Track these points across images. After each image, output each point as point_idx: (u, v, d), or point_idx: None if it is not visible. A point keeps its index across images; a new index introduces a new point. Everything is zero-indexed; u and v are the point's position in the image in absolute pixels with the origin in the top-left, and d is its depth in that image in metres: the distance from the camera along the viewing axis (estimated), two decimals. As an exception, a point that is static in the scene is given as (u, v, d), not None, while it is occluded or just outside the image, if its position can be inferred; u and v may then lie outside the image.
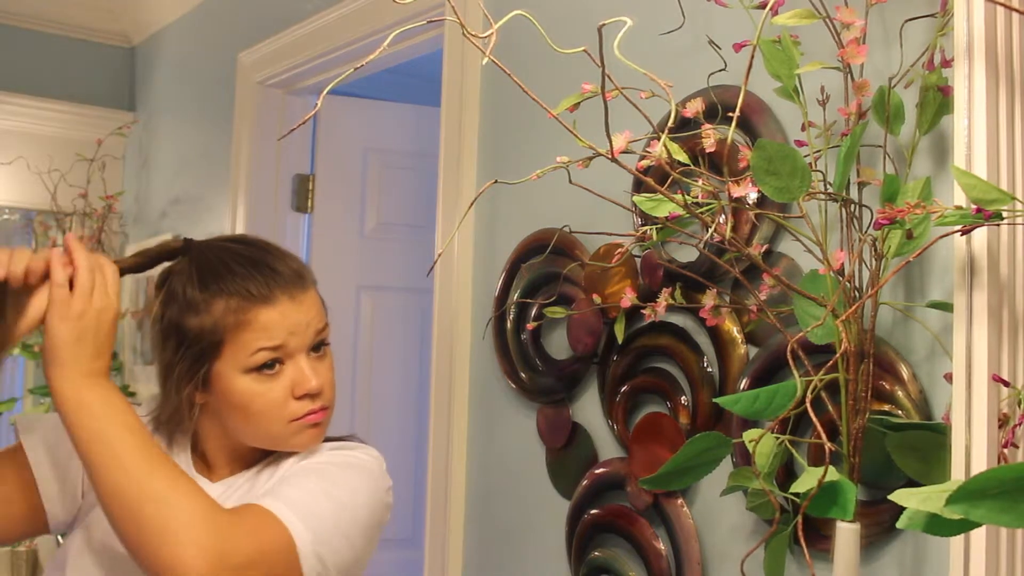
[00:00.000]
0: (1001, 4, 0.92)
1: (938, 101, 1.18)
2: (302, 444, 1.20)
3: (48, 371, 1.05)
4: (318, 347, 1.21)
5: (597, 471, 1.71)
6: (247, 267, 1.17)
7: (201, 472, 1.24)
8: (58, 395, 1.04)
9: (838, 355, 1.05)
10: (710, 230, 1.19)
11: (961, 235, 0.92)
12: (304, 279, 1.20)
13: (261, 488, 1.19)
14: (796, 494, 1.10)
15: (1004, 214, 0.87)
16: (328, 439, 1.29)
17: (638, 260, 1.63)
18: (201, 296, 1.16)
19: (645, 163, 1.21)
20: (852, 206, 1.22)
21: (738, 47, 1.21)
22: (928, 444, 1.13)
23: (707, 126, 1.23)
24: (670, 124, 1.10)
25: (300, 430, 1.19)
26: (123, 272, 1.16)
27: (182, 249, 1.21)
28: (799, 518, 1.02)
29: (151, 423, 1.24)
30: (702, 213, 1.20)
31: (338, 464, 1.19)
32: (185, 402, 1.18)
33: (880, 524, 1.26)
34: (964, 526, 0.79)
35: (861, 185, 1.24)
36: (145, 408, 1.26)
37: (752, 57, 1.13)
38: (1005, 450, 0.93)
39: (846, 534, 1.10)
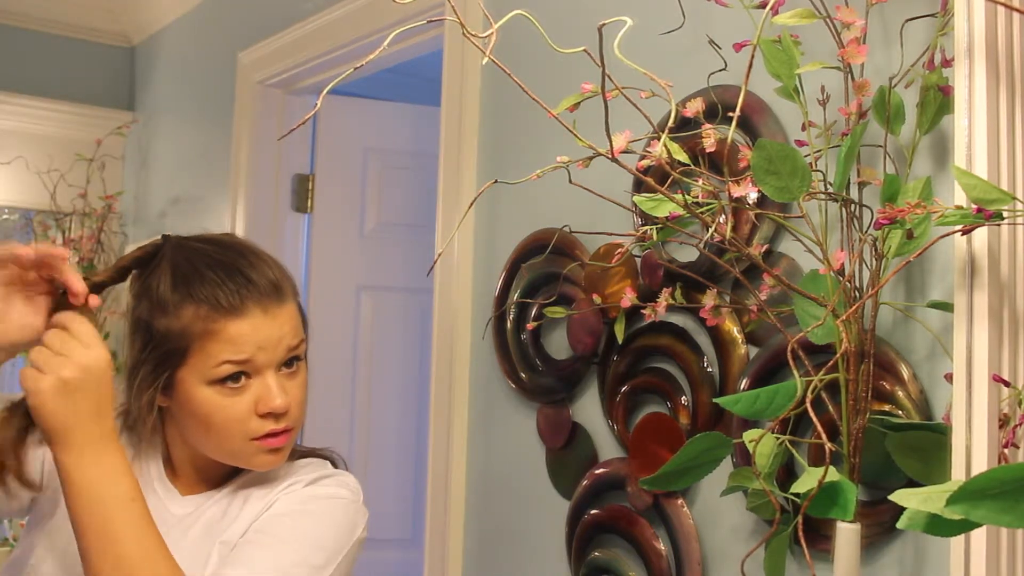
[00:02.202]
0: (1001, 4, 0.92)
1: (938, 101, 1.18)
2: (260, 466, 1.16)
3: (52, 449, 1.02)
4: (291, 363, 1.16)
5: (597, 471, 1.70)
6: (220, 273, 1.12)
7: (172, 482, 1.21)
8: (63, 472, 1.01)
9: (838, 355, 1.05)
10: (710, 230, 1.19)
11: (962, 235, 0.92)
12: (282, 291, 1.15)
13: (233, 522, 1.15)
14: (796, 494, 1.10)
15: (1005, 214, 0.87)
16: (305, 454, 1.26)
17: (638, 260, 1.63)
18: (171, 298, 1.12)
19: (645, 163, 1.21)
20: (852, 206, 1.22)
21: (738, 47, 1.21)
22: (928, 444, 1.13)
23: (707, 126, 1.23)
24: (670, 124, 1.10)
25: (259, 452, 1.14)
26: (100, 287, 1.12)
27: (160, 246, 1.17)
28: (799, 518, 1.01)
29: (122, 419, 1.21)
30: (702, 213, 1.20)
31: (315, 515, 1.15)
32: (145, 406, 1.14)
33: (880, 524, 1.26)
34: (964, 526, 0.79)
35: (861, 185, 1.24)
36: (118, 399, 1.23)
37: (752, 57, 1.13)
38: (1006, 450, 0.92)
39: (846, 534, 1.10)
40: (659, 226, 1.39)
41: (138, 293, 1.16)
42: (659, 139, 1.15)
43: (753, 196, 1.22)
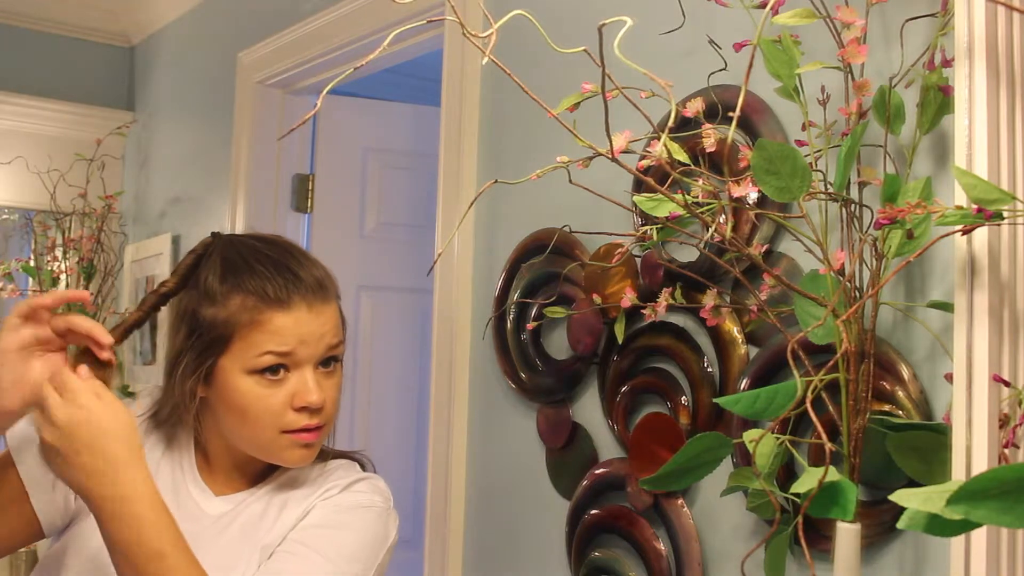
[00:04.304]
0: (1002, 4, 0.92)
1: (939, 101, 1.18)
2: (290, 461, 1.18)
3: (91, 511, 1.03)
4: (328, 362, 1.18)
5: (597, 471, 1.70)
6: (269, 268, 1.16)
7: (206, 480, 1.22)
8: (94, 509, 1.02)
9: (839, 355, 1.04)
10: (710, 230, 1.19)
11: (962, 235, 0.92)
12: (327, 290, 1.19)
13: (273, 526, 1.17)
14: (796, 494, 1.10)
15: (1005, 214, 0.87)
16: (337, 455, 1.28)
17: (638, 260, 1.63)
18: (220, 288, 1.15)
19: (645, 163, 1.21)
20: (852, 206, 1.22)
21: (738, 47, 1.21)
22: (929, 444, 1.13)
23: (707, 126, 1.23)
24: (670, 124, 1.10)
25: (291, 446, 1.16)
26: (168, 297, 1.15)
27: (210, 243, 1.20)
28: (799, 518, 1.01)
29: (150, 420, 1.22)
30: (702, 213, 1.20)
31: (351, 527, 1.17)
32: (188, 394, 1.16)
33: (881, 524, 1.26)
34: (965, 527, 0.79)
35: (862, 185, 1.24)
36: (143, 403, 1.24)
37: (752, 57, 1.13)
38: (1006, 450, 0.92)
39: (847, 534, 1.10)
40: (659, 226, 1.39)
41: (189, 285, 1.18)
42: (659, 139, 1.15)
43: (753, 196, 1.22)
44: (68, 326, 1.06)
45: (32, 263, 3.55)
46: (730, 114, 1.15)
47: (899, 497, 0.80)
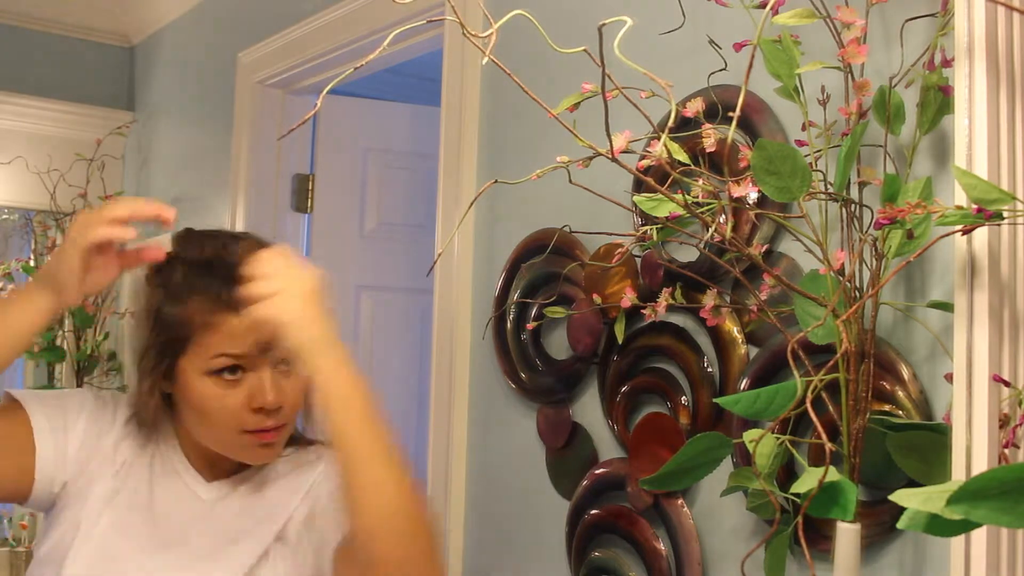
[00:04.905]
0: (1002, 4, 0.92)
1: (939, 101, 1.18)
2: (252, 459, 1.21)
3: (310, 364, 1.05)
4: (289, 361, 1.19)
5: (597, 471, 1.70)
6: (228, 270, 1.15)
7: (197, 467, 1.24)
8: (326, 380, 1.05)
9: (839, 355, 1.04)
10: (710, 230, 1.19)
11: (962, 235, 0.92)
12: None
13: (270, 510, 1.19)
14: (796, 494, 1.10)
15: (1005, 214, 0.87)
16: (312, 442, 1.30)
17: (638, 260, 1.63)
18: (179, 288, 1.16)
19: (645, 163, 1.21)
20: (852, 206, 1.22)
21: (738, 47, 1.21)
22: (929, 444, 1.13)
23: (707, 126, 1.23)
24: (670, 124, 1.10)
25: (250, 446, 1.18)
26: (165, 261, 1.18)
27: (180, 239, 1.21)
28: (799, 518, 1.01)
29: (134, 419, 1.24)
30: (702, 213, 1.20)
31: None
32: (148, 391, 1.18)
33: (881, 524, 1.26)
34: (965, 527, 0.79)
35: (862, 185, 1.24)
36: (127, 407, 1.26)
37: (752, 57, 1.13)
38: (1006, 450, 0.92)
39: (847, 534, 1.10)
40: (659, 226, 1.39)
41: (157, 282, 1.20)
42: (659, 139, 1.15)
43: (753, 196, 1.22)
44: (133, 217, 1.11)
45: (32, 263, 3.55)
46: (730, 114, 1.15)
47: (899, 497, 0.80)
